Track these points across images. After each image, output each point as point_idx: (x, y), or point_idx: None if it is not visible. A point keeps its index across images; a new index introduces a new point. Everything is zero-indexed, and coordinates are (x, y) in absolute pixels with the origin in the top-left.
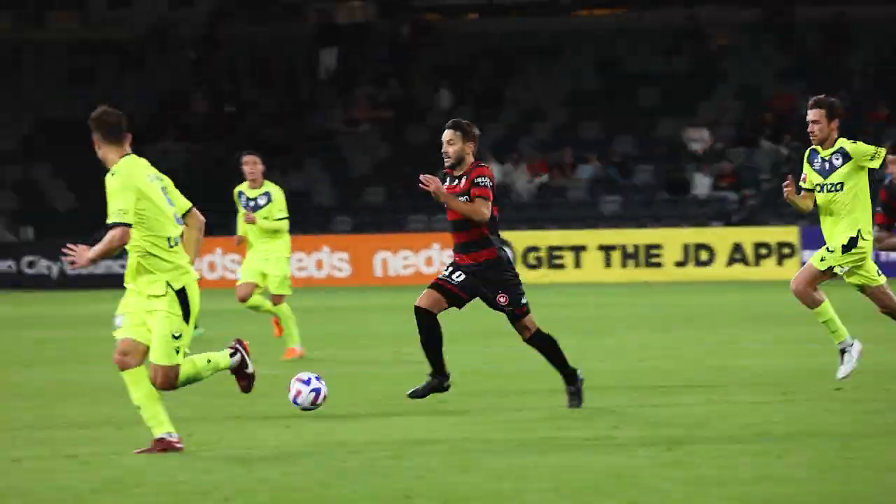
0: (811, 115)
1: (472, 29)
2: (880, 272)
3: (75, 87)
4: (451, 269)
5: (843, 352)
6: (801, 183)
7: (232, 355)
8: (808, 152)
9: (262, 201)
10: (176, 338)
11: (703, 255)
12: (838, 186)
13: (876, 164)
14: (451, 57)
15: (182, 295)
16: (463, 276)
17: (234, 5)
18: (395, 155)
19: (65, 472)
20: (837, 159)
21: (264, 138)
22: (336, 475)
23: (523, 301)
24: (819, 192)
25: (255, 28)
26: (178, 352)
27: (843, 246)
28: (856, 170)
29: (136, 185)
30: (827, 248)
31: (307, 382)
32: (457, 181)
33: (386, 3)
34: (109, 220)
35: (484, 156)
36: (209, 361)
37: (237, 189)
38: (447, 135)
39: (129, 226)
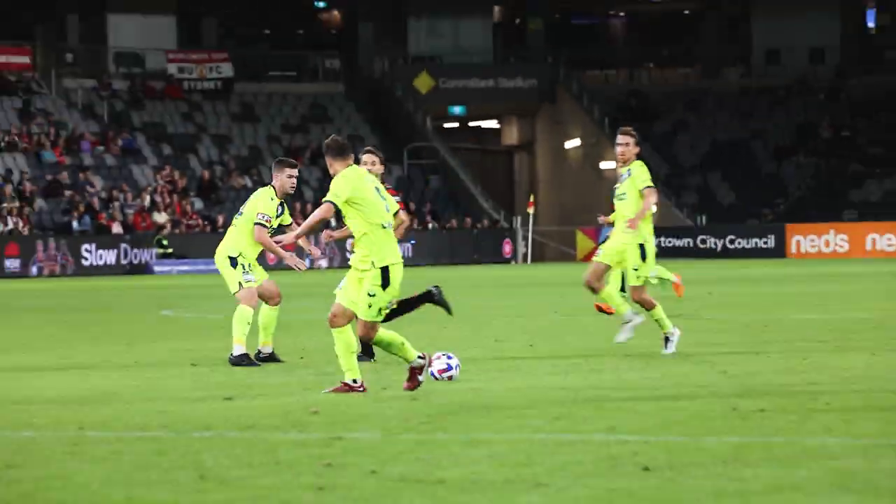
0: None
1: None
2: None
3: (742, 120)
4: None
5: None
6: None
7: (420, 358)
8: None
9: None
10: (371, 296)
11: None
12: None
13: None
14: None
15: (385, 271)
16: None
17: (852, 61)
18: None
19: None
20: None
21: (870, 155)
22: None
23: None
24: None
25: (858, 80)
26: (371, 307)
27: None
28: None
29: (353, 183)
30: None
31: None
32: None
33: None
34: (324, 200)
35: None
36: (403, 345)
37: None
38: None
39: (334, 204)
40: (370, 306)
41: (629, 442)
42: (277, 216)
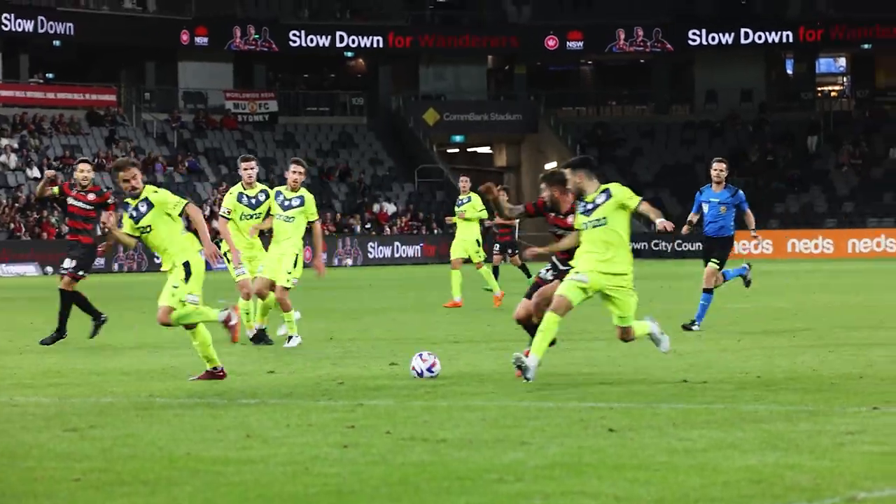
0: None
1: None
2: None
3: (686, 147)
4: None
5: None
6: None
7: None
8: None
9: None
10: (175, 287)
11: None
12: None
13: None
14: None
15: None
16: None
17: (774, 100)
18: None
19: None
20: None
21: (782, 175)
22: None
23: None
24: None
25: (780, 115)
26: (173, 296)
27: None
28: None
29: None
30: None
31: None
32: None
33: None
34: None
35: None
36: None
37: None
38: None
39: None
40: (172, 296)
41: (597, 408)
42: (254, 206)
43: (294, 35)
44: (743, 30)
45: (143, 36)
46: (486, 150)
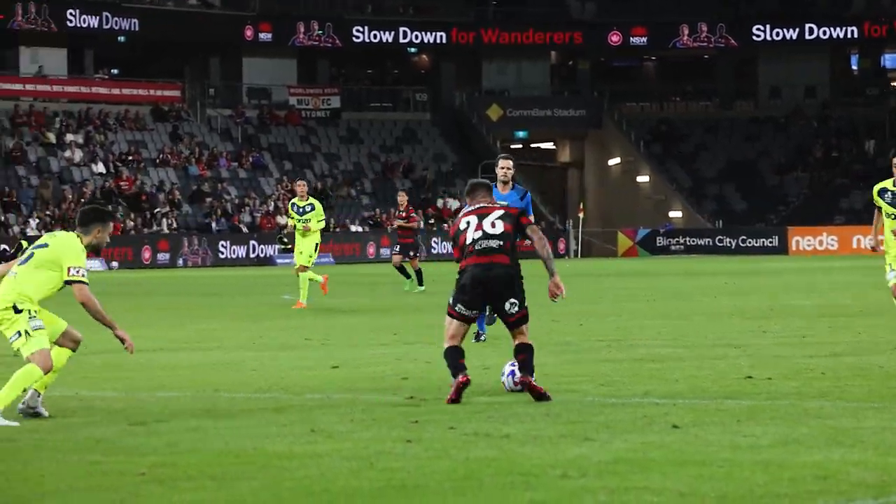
0: None
1: None
2: None
3: (750, 142)
4: None
5: None
6: None
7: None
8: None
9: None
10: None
11: None
12: None
13: None
14: None
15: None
16: None
17: (839, 95)
18: None
19: None
20: None
21: (853, 171)
22: None
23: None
24: None
25: (845, 111)
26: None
27: None
28: None
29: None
30: None
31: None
32: None
33: None
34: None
35: None
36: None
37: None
38: None
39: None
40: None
41: (661, 404)
42: None
43: (357, 31)
44: (807, 25)
45: (206, 31)
46: (549, 145)
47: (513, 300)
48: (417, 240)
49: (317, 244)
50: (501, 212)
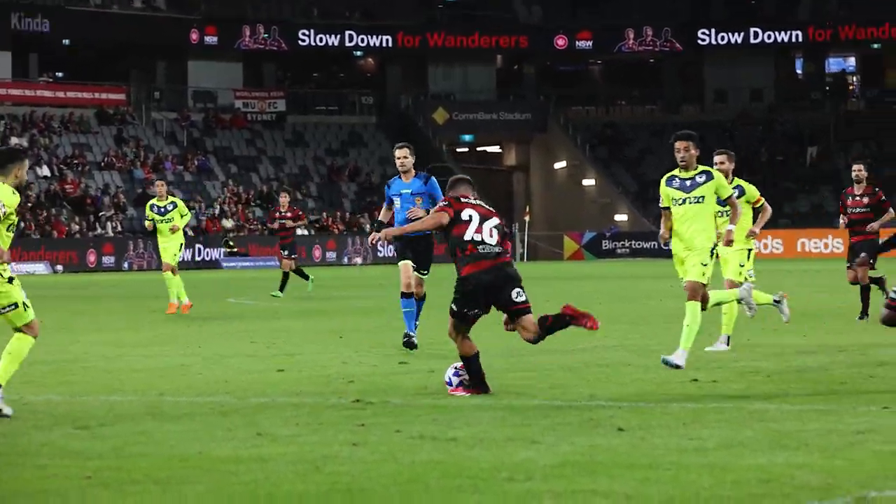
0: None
1: None
2: None
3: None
4: None
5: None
6: None
7: None
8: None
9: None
10: None
11: None
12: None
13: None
14: None
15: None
16: None
17: (783, 99)
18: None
19: None
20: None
21: (799, 175)
22: None
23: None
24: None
25: (790, 115)
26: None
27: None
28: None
29: None
30: None
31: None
32: None
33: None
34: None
35: None
36: None
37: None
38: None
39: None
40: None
41: (607, 406)
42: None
43: (303, 34)
44: (752, 29)
45: (152, 35)
46: (495, 149)
47: (518, 290)
48: (295, 240)
49: (181, 244)
50: (497, 221)
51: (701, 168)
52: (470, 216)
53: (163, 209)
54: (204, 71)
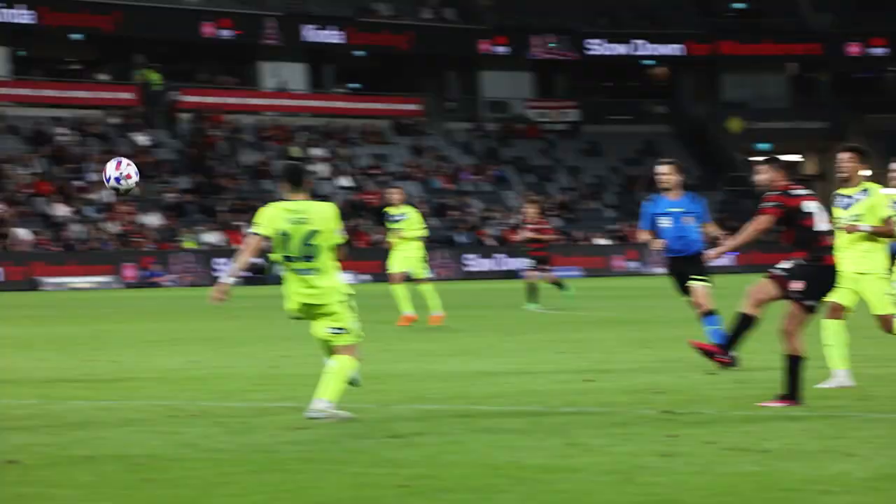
0: None
1: None
2: None
3: None
4: None
5: None
6: None
7: None
8: None
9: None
10: None
11: None
12: None
13: None
14: None
15: None
16: None
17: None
18: None
19: None
20: None
21: None
22: None
23: None
24: None
25: None
26: None
27: None
28: None
29: None
30: None
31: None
32: None
33: None
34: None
35: None
36: None
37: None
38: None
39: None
40: None
41: None
42: None
43: (592, 43)
44: None
45: (442, 45)
46: (794, 158)
47: None
48: (549, 252)
49: (422, 255)
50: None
51: None
52: (811, 208)
53: (395, 217)
54: (495, 81)
